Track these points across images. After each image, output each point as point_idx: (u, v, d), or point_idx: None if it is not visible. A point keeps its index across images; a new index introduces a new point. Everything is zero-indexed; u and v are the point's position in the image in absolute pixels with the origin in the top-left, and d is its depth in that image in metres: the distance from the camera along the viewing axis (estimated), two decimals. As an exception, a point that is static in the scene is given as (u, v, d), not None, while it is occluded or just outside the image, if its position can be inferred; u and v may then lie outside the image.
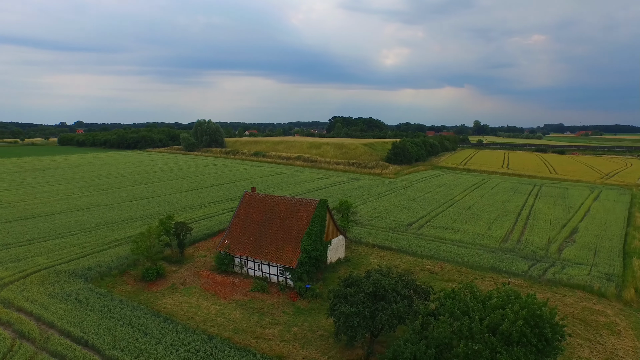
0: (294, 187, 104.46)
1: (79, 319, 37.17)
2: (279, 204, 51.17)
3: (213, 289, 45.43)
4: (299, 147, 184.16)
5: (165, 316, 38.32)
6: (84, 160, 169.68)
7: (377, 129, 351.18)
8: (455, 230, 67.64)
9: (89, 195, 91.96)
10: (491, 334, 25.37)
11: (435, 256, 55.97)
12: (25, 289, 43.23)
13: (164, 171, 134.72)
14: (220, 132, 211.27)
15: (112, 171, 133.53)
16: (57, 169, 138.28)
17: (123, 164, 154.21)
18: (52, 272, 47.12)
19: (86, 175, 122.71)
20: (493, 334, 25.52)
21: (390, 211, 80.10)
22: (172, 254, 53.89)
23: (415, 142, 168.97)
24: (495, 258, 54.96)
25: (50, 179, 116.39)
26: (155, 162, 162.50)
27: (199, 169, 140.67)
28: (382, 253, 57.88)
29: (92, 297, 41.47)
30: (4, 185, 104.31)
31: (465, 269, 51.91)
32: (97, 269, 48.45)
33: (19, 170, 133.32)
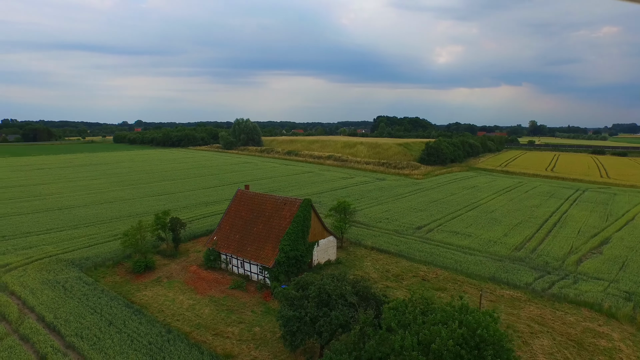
0: (313, 186, 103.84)
1: (57, 305, 39.08)
2: (266, 203, 50.75)
3: (194, 284, 45.95)
4: (332, 146, 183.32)
5: (137, 307, 39.21)
6: (126, 157, 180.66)
7: (422, 129, 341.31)
8: (466, 236, 63.51)
9: (116, 189, 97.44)
10: (423, 352, 23.07)
11: (434, 262, 52.79)
12: (24, 274, 46.27)
13: (194, 168, 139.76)
14: (257, 130, 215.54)
15: (147, 167, 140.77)
16: (100, 164, 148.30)
17: (160, 161, 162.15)
18: (54, 261, 50.10)
19: (122, 171, 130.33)
20: (426, 352, 23.20)
21: (404, 213, 76.98)
22: (167, 248, 55.32)
23: (452, 142, 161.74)
24: (499, 267, 50.81)
25: (90, 174, 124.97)
26: (189, 160, 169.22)
27: (228, 167, 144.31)
28: (379, 256, 55.59)
29: (78, 285, 43.49)
30: (48, 179, 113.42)
31: (462, 278, 48.40)
32: (93, 259, 50.85)
33: (67, 166, 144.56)
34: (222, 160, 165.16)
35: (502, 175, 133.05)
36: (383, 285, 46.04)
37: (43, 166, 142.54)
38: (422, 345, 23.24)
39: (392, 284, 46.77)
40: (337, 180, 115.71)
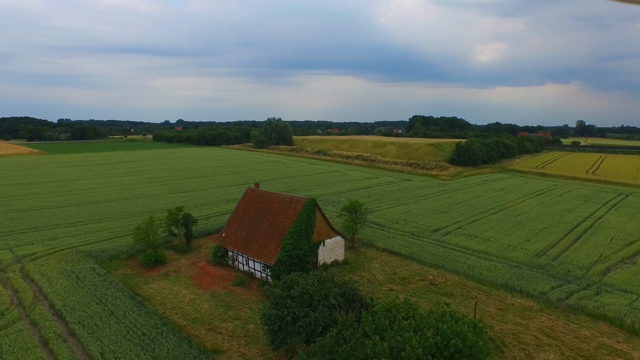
0: (335, 186, 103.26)
1: (67, 293, 41.07)
2: (273, 201, 50.88)
3: (199, 279, 46.83)
4: (362, 146, 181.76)
5: (140, 300, 40.46)
6: (160, 154, 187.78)
7: (459, 129, 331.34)
8: (484, 240, 60.80)
9: (145, 186, 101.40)
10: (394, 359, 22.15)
11: (445, 266, 50.88)
12: (46, 263, 49.01)
13: (222, 166, 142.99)
14: (288, 130, 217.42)
15: (177, 165, 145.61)
16: (135, 162, 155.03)
17: (191, 159, 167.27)
18: (74, 252, 52.76)
19: (154, 168, 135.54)
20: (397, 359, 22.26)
21: (423, 215, 74.86)
22: (180, 243, 56.74)
23: (486, 142, 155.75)
24: (514, 274, 48.20)
25: (124, 170, 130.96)
26: (219, 158, 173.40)
27: (255, 165, 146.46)
28: (389, 258, 54.32)
29: (90, 276, 45.51)
30: (85, 175, 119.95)
31: (472, 283, 46.31)
32: (109, 252, 53.07)
33: (105, 162, 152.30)
34: (251, 159, 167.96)
35: (536, 177, 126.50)
36: (387, 288, 44.91)
37: (83, 163, 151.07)
38: (395, 352, 22.33)
39: (397, 287, 45.48)
40: (362, 180, 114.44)
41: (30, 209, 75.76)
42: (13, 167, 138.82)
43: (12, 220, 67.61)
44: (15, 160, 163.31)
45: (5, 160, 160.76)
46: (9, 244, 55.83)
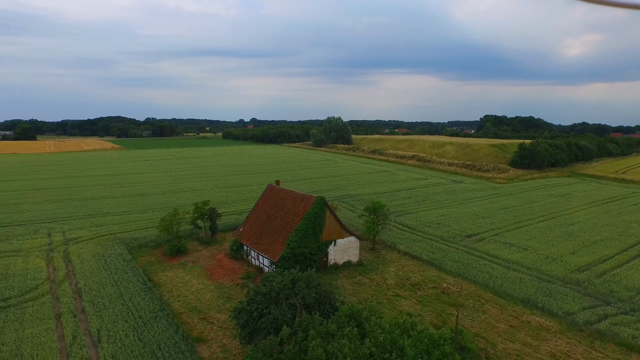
0: (378, 186, 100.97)
1: (92, 274, 45.14)
2: (287, 199, 51.20)
3: (211, 271, 48.69)
4: (420, 146, 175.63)
5: (151, 285, 43.13)
6: (221, 151, 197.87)
7: (534, 129, 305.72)
8: (521, 249, 55.54)
9: (195, 180, 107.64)
10: None
11: (465, 274, 47.39)
12: (85, 247, 54.31)
13: (274, 164, 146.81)
14: (347, 129, 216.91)
15: (232, 162, 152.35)
16: (195, 158, 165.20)
17: (247, 156, 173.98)
18: (111, 238, 57.80)
19: (209, 164, 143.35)
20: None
21: (461, 219, 70.38)
22: (205, 235, 59.40)
23: (555, 144, 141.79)
24: (541, 288, 43.44)
25: (182, 165, 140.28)
26: (274, 155, 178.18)
27: (307, 163, 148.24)
28: (408, 262, 51.94)
29: (116, 260, 49.52)
30: (147, 169, 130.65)
31: (488, 295, 42.59)
32: (141, 240, 57.25)
33: (170, 158, 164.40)
34: (305, 157, 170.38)
35: (613, 183, 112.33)
36: (393, 294, 43.00)
37: (151, 158, 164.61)
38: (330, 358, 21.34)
39: (405, 293, 43.32)
40: (409, 180, 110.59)
41: (91, 198, 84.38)
42: (92, 160, 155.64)
43: (74, 207, 75.81)
44: (96, 154, 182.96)
45: (88, 155, 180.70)
46: (63, 227, 62.69)
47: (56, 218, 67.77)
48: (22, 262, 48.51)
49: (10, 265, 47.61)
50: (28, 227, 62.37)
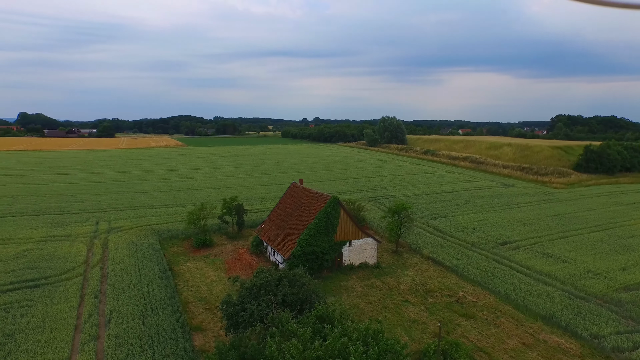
0: (420, 187, 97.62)
1: (121, 261, 48.91)
2: (305, 197, 51.48)
3: (230, 265, 50.44)
4: (476, 147, 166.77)
5: (169, 274, 45.76)
6: (274, 150, 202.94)
7: (614, 130, 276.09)
8: (560, 261, 50.73)
9: (241, 177, 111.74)
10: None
11: (487, 284, 44.41)
12: (123, 236, 58.94)
13: (322, 162, 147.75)
14: (401, 129, 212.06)
15: (282, 160, 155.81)
16: (247, 155, 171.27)
17: (298, 155, 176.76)
18: (147, 229, 62.11)
19: (259, 162, 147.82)
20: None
21: (500, 225, 65.92)
22: (233, 230, 61.60)
23: (633, 146, 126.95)
24: (569, 306, 39.38)
25: (232, 162, 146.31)
26: (324, 154, 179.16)
27: (355, 163, 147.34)
28: (428, 267, 49.84)
29: (146, 249, 53.12)
30: (199, 165, 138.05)
31: (506, 308, 39.55)
32: (173, 231, 60.83)
33: (224, 155, 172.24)
34: (355, 157, 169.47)
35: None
36: (402, 299, 41.56)
37: (206, 155, 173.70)
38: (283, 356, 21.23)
39: (416, 299, 41.62)
40: (455, 183, 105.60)
41: (142, 191, 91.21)
42: (153, 156, 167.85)
43: (125, 199, 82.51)
44: (159, 151, 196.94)
45: (153, 151, 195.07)
46: (110, 217, 68.54)
47: (107, 208, 74.21)
48: (68, 246, 53.85)
49: (58, 248, 53.07)
50: (82, 215, 69.04)
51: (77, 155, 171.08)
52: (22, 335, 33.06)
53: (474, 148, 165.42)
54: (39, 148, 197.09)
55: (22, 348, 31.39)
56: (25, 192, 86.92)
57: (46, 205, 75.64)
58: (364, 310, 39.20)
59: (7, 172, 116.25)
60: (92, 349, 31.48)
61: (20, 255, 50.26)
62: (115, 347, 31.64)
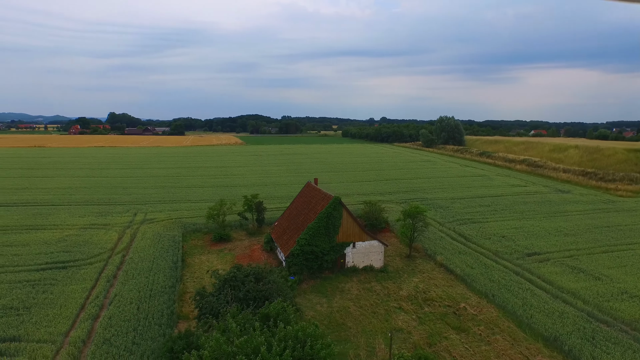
0: (462, 190, 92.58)
1: (142, 250, 52.69)
2: (314, 197, 51.57)
3: (239, 259, 52.01)
4: (539, 149, 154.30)
5: (179, 265, 48.51)
6: (326, 149, 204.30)
7: None
8: (591, 278, 45.46)
9: (283, 176, 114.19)
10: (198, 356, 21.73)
11: (495, 297, 41.28)
12: (153, 226, 63.40)
13: (369, 163, 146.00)
14: (459, 129, 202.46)
15: (330, 159, 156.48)
16: (298, 154, 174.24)
17: (349, 154, 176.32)
18: (176, 222, 66.17)
19: (306, 161, 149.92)
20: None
21: (535, 234, 60.63)
22: (253, 227, 63.43)
23: None
24: (583, 329, 35.20)
25: (279, 161, 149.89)
26: (376, 154, 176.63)
27: (402, 164, 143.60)
28: (438, 275, 47.51)
29: (167, 240, 56.71)
30: (247, 163, 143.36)
31: (507, 324, 36.50)
32: (197, 225, 64.07)
33: (276, 154, 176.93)
34: (405, 158, 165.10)
35: None
36: (395, 305, 40.14)
37: (259, 153, 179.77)
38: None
39: (411, 307, 39.91)
40: (503, 187, 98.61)
41: (186, 186, 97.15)
42: (208, 154, 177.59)
43: (167, 193, 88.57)
44: (216, 149, 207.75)
45: (211, 149, 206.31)
46: (148, 209, 73.98)
47: (149, 201, 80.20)
48: (103, 234, 59.23)
49: (94, 235, 58.58)
50: (125, 207, 75.41)
51: (143, 152, 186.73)
52: (37, 309, 37.16)
53: (535, 150, 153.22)
54: (115, 145, 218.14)
55: (33, 320, 35.30)
56: (86, 184, 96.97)
57: (99, 196, 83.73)
58: (353, 314, 38.42)
59: (79, 166, 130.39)
60: (87, 327, 34.49)
61: (62, 239, 56.27)
62: (105, 327, 34.39)
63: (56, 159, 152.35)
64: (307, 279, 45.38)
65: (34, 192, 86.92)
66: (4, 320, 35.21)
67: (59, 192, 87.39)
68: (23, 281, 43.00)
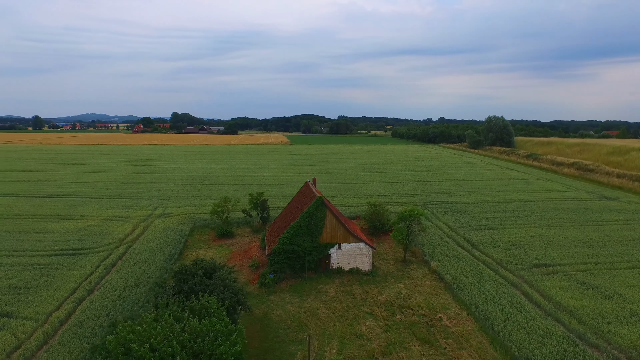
0: (491, 194, 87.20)
1: (148, 241, 55.82)
2: (307, 197, 51.44)
3: (234, 255, 53.47)
4: (594, 151, 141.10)
5: (175, 258, 50.83)
6: (366, 149, 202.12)
7: None
8: (601, 295, 40.91)
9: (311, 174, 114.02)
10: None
11: (478, 309, 38.82)
12: (166, 220, 66.81)
13: (404, 164, 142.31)
14: (508, 130, 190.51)
15: (366, 159, 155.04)
16: (336, 154, 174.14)
17: (389, 155, 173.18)
18: (189, 217, 69.16)
19: (341, 161, 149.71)
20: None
21: (554, 243, 55.79)
22: (258, 224, 64.59)
23: None
24: (564, 352, 31.92)
25: (317, 160, 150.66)
26: (414, 155, 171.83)
27: (439, 165, 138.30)
28: (426, 282, 45.53)
29: (174, 234, 59.55)
30: (280, 162, 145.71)
31: (480, 340, 34.18)
32: (207, 222, 66.18)
33: (313, 153, 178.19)
34: (444, 159, 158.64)
35: None
36: (368, 311, 39.15)
37: (299, 152, 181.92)
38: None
39: (382, 313, 38.69)
40: (538, 191, 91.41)
41: (213, 183, 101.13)
42: (248, 152, 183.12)
43: (192, 189, 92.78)
44: (258, 148, 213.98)
45: (253, 148, 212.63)
46: (169, 204, 77.93)
47: (173, 197, 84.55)
48: (120, 226, 63.49)
49: (112, 227, 62.98)
50: (149, 201, 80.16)
51: (189, 150, 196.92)
52: (35, 290, 40.84)
53: (591, 153, 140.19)
54: (166, 143, 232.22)
55: (28, 299, 38.89)
56: (124, 179, 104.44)
57: (130, 190, 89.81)
58: (319, 316, 37.93)
59: (125, 163, 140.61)
60: (70, 309, 37.35)
61: (82, 229, 61.17)
62: (84, 310, 37.12)
63: (110, 155, 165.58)
64: (288, 278, 45.44)
65: (77, 185, 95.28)
66: (6, 297, 39.18)
67: (98, 186, 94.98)
68: (35, 264, 47.42)
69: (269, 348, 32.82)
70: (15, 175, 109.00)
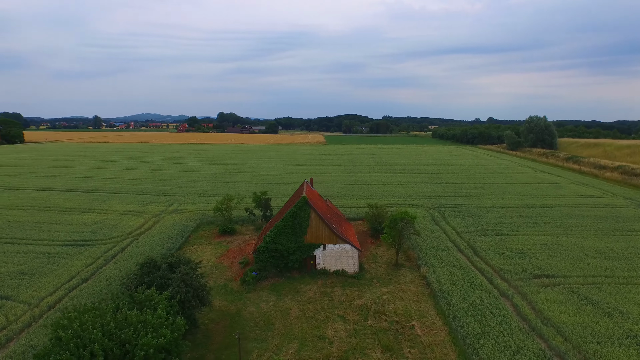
0: (515, 199, 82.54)
1: (153, 235, 58.40)
2: (298, 197, 51.39)
3: (229, 252, 54.61)
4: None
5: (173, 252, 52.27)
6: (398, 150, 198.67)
7: None
8: (600, 312, 37.73)
9: (335, 175, 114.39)
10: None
11: (455, 320, 36.96)
12: (176, 216, 69.42)
13: (431, 165, 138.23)
14: (549, 131, 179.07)
15: (394, 160, 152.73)
16: (367, 154, 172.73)
17: (419, 156, 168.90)
18: (198, 213, 71.39)
19: (367, 161, 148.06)
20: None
21: (567, 253, 52.04)
22: (261, 222, 65.48)
23: None
24: (533, 367, 29.65)
25: (343, 160, 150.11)
26: (446, 156, 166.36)
27: (469, 167, 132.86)
28: (410, 288, 44.26)
29: (179, 229, 61.86)
30: (307, 161, 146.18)
31: (446, 352, 32.88)
32: (213, 218, 68.01)
33: (343, 153, 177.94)
34: (476, 161, 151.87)
35: None
36: (340, 313, 38.63)
37: (330, 152, 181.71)
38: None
39: (353, 316, 38.07)
40: (567, 197, 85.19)
41: (234, 181, 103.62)
42: (280, 152, 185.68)
43: (212, 187, 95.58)
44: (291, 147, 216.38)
45: (287, 147, 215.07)
46: (184, 201, 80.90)
47: (191, 194, 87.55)
48: (132, 220, 66.88)
49: (125, 221, 66.46)
50: (166, 197, 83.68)
51: (224, 148, 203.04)
52: (37, 276, 44.11)
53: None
54: (205, 142, 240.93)
55: (28, 284, 42.14)
56: (152, 176, 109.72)
57: (152, 187, 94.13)
58: (289, 316, 37.94)
59: (159, 161, 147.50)
60: (61, 295, 40.04)
61: (97, 222, 65.06)
62: (72, 297, 39.60)
63: (148, 153, 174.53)
64: (272, 277, 45.72)
65: (107, 181, 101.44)
66: (11, 282, 42.66)
67: (126, 182, 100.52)
68: (45, 253, 51.15)
69: (230, 344, 33.26)
70: (57, 171, 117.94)
